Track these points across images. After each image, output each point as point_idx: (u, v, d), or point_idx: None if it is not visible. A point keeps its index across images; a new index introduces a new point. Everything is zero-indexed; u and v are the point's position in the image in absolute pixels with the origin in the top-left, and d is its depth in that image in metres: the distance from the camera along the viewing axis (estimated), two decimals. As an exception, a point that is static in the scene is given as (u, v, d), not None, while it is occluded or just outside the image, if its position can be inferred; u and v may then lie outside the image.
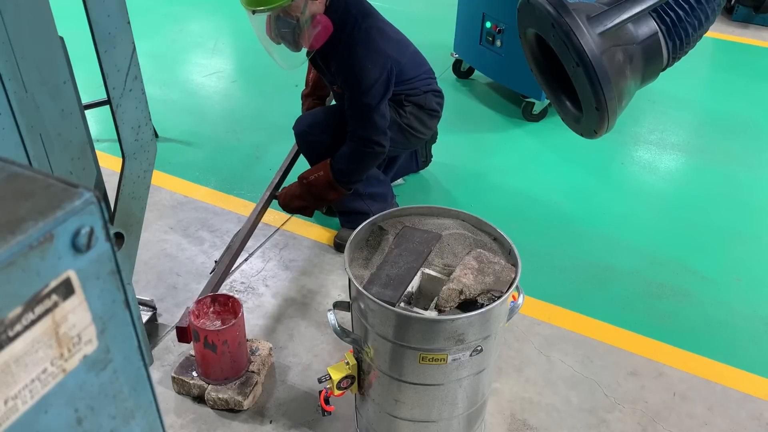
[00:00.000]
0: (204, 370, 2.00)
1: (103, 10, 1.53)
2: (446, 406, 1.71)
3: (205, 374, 2.01)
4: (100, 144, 3.39)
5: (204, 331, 1.91)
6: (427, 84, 2.80)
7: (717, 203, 3.19)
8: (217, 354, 1.95)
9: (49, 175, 0.55)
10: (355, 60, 2.50)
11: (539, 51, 1.58)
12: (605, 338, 2.43)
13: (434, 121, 2.89)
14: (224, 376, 2.02)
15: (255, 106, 4.03)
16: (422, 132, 2.85)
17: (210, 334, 1.91)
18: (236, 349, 2.00)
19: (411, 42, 2.84)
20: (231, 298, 2.03)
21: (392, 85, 2.56)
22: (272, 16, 2.48)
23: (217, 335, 1.92)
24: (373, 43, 2.52)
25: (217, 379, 2.03)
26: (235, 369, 2.04)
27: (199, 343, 1.95)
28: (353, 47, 2.50)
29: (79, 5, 1.49)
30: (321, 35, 2.47)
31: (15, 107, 1.42)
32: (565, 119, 1.62)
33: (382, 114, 2.53)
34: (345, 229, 2.83)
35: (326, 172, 2.56)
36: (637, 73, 1.44)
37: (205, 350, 1.94)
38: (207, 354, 1.95)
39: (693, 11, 1.43)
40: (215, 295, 2.05)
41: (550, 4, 1.33)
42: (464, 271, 1.60)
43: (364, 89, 2.49)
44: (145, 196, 1.90)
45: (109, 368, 0.62)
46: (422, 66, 2.82)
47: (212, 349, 1.94)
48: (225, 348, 1.95)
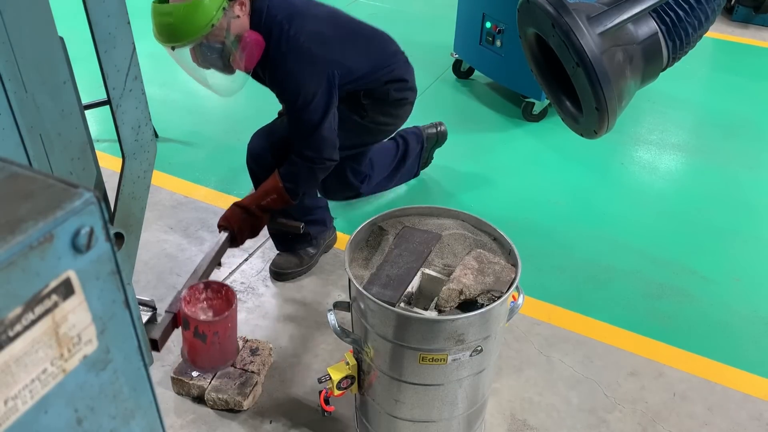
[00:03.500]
0: (191, 358, 1.92)
1: (103, 10, 1.53)
2: (446, 407, 1.71)
3: (191, 361, 1.93)
4: (100, 144, 3.39)
5: (195, 320, 1.84)
6: (388, 72, 2.48)
7: (717, 203, 3.19)
8: (206, 344, 1.89)
9: (49, 175, 0.55)
10: (287, 75, 2.25)
11: (539, 51, 1.58)
12: (605, 338, 2.43)
13: (404, 109, 2.62)
14: (211, 365, 1.95)
15: (255, 106, 4.02)
16: (392, 123, 2.63)
17: (201, 325, 1.85)
18: (226, 339, 1.94)
19: (365, 25, 2.52)
20: (225, 286, 1.95)
21: (335, 93, 2.28)
22: (195, 48, 2.29)
23: (208, 326, 1.86)
24: (304, 51, 2.22)
25: (203, 368, 1.98)
26: (224, 358, 1.96)
27: (188, 331, 1.88)
28: (283, 60, 2.24)
29: (79, 5, 1.49)
30: (254, 53, 2.22)
31: (15, 107, 1.42)
32: (565, 119, 1.62)
33: (327, 128, 2.27)
34: (283, 255, 2.67)
35: (280, 195, 2.29)
36: (637, 73, 1.44)
37: (195, 339, 1.88)
38: (196, 343, 1.89)
39: (693, 11, 1.43)
40: (208, 282, 1.99)
41: (550, 4, 1.33)
42: (464, 271, 1.60)
43: (303, 105, 2.23)
44: (145, 196, 1.90)
45: (109, 368, 0.62)
46: (380, 53, 2.50)
47: (202, 339, 1.88)
48: (215, 339, 1.89)
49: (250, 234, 2.31)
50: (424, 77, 4.32)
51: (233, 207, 2.31)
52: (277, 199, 2.30)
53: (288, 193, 2.30)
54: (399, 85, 2.53)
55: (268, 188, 2.31)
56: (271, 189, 2.31)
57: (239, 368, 2.17)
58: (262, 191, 2.32)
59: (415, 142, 3.05)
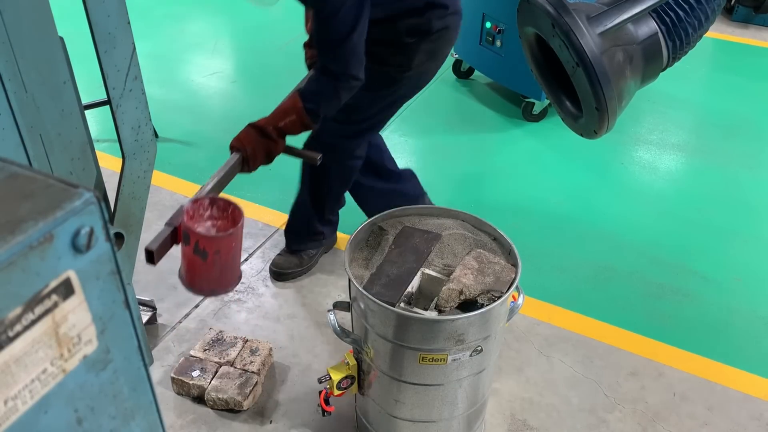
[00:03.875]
0: (189, 278, 1.76)
1: (103, 10, 1.53)
2: (446, 407, 1.71)
3: (189, 281, 1.77)
4: (100, 144, 3.39)
5: (196, 234, 1.66)
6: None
7: (717, 203, 3.19)
8: (206, 263, 1.73)
9: (49, 175, 0.55)
10: None
11: (539, 51, 1.58)
12: (605, 338, 2.43)
13: (447, 47, 2.32)
14: (210, 287, 1.80)
15: (255, 106, 4.01)
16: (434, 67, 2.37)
17: (202, 240, 1.67)
18: (228, 261, 1.77)
19: None
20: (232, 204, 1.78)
21: (367, 4, 2.07)
22: None
23: (210, 242, 1.68)
24: None
25: (201, 290, 1.81)
26: (224, 283, 1.81)
27: (188, 246, 1.70)
28: None
29: (79, 5, 1.49)
30: None
31: (15, 107, 1.42)
32: (565, 119, 1.62)
33: (356, 42, 2.09)
34: (283, 255, 2.66)
35: (299, 115, 2.11)
36: (637, 73, 1.44)
37: (194, 256, 1.70)
38: (195, 261, 1.72)
39: (693, 11, 1.43)
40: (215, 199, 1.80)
41: (550, 4, 1.33)
42: (464, 271, 1.60)
43: (331, 13, 2.03)
44: (145, 196, 1.90)
45: (109, 368, 0.62)
46: None
47: (202, 256, 1.71)
48: (216, 258, 1.72)
49: (264, 159, 2.11)
50: (424, 77, 4.32)
51: (248, 127, 2.12)
52: (296, 120, 2.11)
53: (308, 114, 2.11)
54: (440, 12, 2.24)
55: (287, 108, 2.12)
56: (289, 109, 2.11)
57: (239, 368, 2.17)
58: (280, 111, 2.13)
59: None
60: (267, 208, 3.07)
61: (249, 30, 5.11)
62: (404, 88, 2.39)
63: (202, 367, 2.16)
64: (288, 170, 3.26)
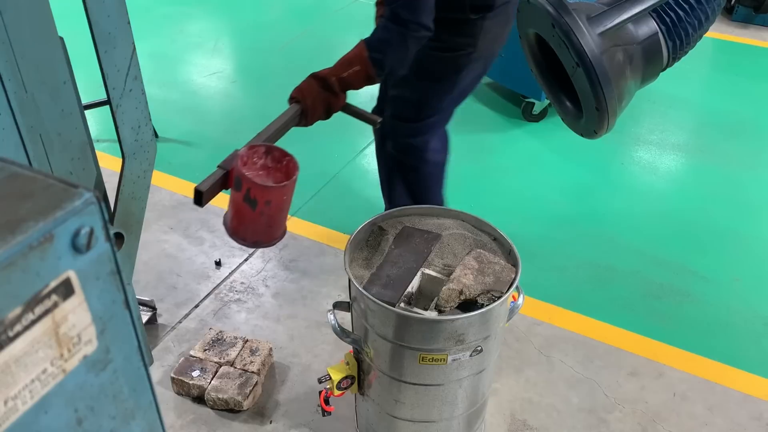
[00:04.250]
0: (233, 225, 1.70)
1: (103, 10, 1.53)
2: (446, 407, 1.71)
3: (233, 228, 1.71)
4: (100, 144, 3.39)
5: (250, 182, 1.59)
6: None
7: (717, 203, 3.19)
8: (254, 212, 1.65)
9: (49, 175, 0.55)
10: None
11: (539, 51, 1.58)
12: (605, 338, 2.43)
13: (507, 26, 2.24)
14: (254, 239, 1.73)
15: (255, 106, 4.03)
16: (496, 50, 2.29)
17: (254, 188, 1.60)
18: (277, 213, 1.70)
19: None
20: (288, 156, 1.71)
21: None
22: None
23: (262, 191, 1.61)
24: None
25: (244, 239, 1.73)
26: (268, 235, 1.75)
27: (239, 193, 1.63)
28: None
29: (79, 5, 1.49)
30: None
31: (15, 107, 1.42)
32: (565, 119, 1.62)
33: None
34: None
35: (364, 66, 2.01)
36: (637, 73, 1.44)
37: (243, 204, 1.64)
38: (244, 209, 1.65)
39: (693, 11, 1.43)
40: (271, 147, 1.71)
41: (550, 4, 1.33)
42: (464, 272, 1.60)
43: None
44: (145, 196, 1.90)
45: (109, 368, 0.62)
46: None
47: (251, 205, 1.64)
48: (266, 208, 1.65)
49: (323, 113, 2.01)
50: (424, 77, 4.32)
51: (309, 78, 2.01)
52: (360, 71, 2.00)
53: (374, 65, 2.00)
54: None
55: (351, 58, 2.01)
56: (354, 59, 2.00)
57: (239, 368, 2.17)
58: (344, 61, 2.02)
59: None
60: (267, 208, 3.07)
61: (249, 30, 5.11)
62: (471, 75, 2.33)
63: (202, 367, 2.16)
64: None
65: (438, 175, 2.55)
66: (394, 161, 2.50)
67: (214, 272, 2.69)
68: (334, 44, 4.88)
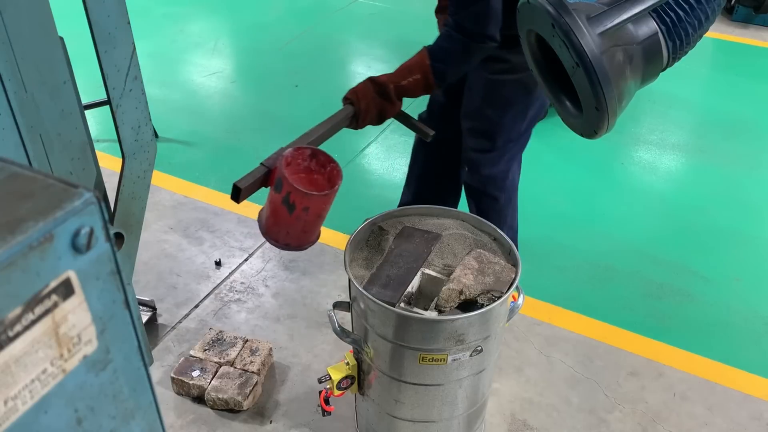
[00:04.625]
0: (268, 224, 1.66)
1: (103, 10, 1.53)
2: (446, 407, 1.71)
3: (266, 227, 1.67)
4: (100, 144, 3.39)
5: (291, 186, 1.54)
6: None
7: (717, 203, 3.19)
8: (291, 216, 1.61)
9: (49, 175, 0.55)
10: None
11: (539, 51, 1.58)
12: (605, 338, 2.43)
13: None
14: (285, 241, 1.68)
15: (255, 106, 4.03)
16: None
17: (295, 193, 1.55)
18: (314, 220, 1.66)
19: None
20: (333, 162, 1.66)
21: None
22: None
23: (302, 197, 1.56)
24: None
25: (277, 241, 1.68)
26: (301, 240, 1.70)
27: (278, 194, 1.59)
28: None
29: (79, 5, 1.49)
30: None
31: (15, 107, 1.42)
32: (565, 119, 1.62)
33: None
34: None
35: (424, 75, 1.94)
36: (637, 73, 1.44)
37: (281, 206, 1.59)
38: (281, 211, 1.60)
39: (693, 11, 1.43)
40: (317, 151, 1.66)
41: (550, 4, 1.33)
42: (464, 272, 1.60)
43: None
44: (145, 196, 1.90)
45: (109, 368, 0.62)
46: None
47: (289, 209, 1.59)
48: (303, 214, 1.61)
49: (375, 118, 1.94)
50: (424, 77, 4.32)
51: (367, 81, 1.95)
52: (420, 80, 1.95)
53: (434, 75, 1.94)
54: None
55: (412, 65, 1.95)
56: (415, 67, 1.94)
57: (239, 368, 2.17)
58: (404, 68, 1.96)
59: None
60: (267, 208, 3.07)
61: (249, 30, 5.11)
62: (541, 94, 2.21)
63: (202, 367, 2.16)
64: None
65: (514, 201, 2.47)
66: (471, 189, 2.43)
67: (214, 272, 2.69)
68: (334, 44, 4.88)
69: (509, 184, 2.38)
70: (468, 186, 2.43)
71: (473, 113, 2.24)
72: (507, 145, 2.26)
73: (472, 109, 2.22)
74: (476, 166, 2.31)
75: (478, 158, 2.29)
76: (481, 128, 2.24)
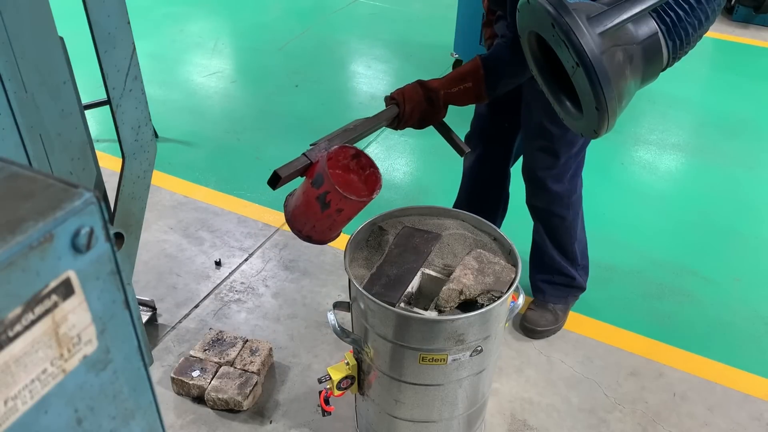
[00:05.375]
0: (295, 215, 1.64)
1: (103, 10, 1.53)
2: (446, 407, 1.71)
3: (292, 215, 1.65)
4: (100, 144, 3.39)
5: (331, 185, 1.52)
6: None
7: (717, 203, 3.19)
8: (322, 214, 1.59)
9: (49, 175, 0.55)
10: None
11: (539, 51, 1.58)
12: (605, 338, 2.43)
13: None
14: (308, 234, 1.68)
15: (255, 106, 4.03)
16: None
17: (333, 193, 1.53)
18: (343, 221, 1.65)
19: None
20: (373, 167, 1.64)
21: None
22: None
23: (339, 200, 1.54)
24: None
25: (301, 231, 1.68)
26: (325, 236, 1.70)
27: (316, 190, 1.56)
28: None
29: (79, 5, 1.49)
30: None
31: (15, 107, 1.42)
32: (565, 119, 1.62)
33: None
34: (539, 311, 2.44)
35: (476, 84, 1.90)
36: (637, 73, 1.43)
37: (315, 201, 1.57)
38: (314, 206, 1.58)
39: (693, 11, 1.43)
40: (360, 152, 1.64)
41: (550, 4, 1.33)
42: (464, 272, 1.60)
43: None
44: (145, 196, 1.90)
45: (109, 368, 0.62)
46: None
47: (322, 206, 1.57)
48: (335, 214, 1.60)
49: (417, 123, 1.91)
50: (424, 77, 4.32)
51: (416, 84, 1.90)
52: (471, 89, 1.90)
53: (486, 86, 1.90)
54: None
55: (465, 73, 1.90)
56: (468, 75, 1.90)
57: (239, 368, 2.17)
58: (456, 75, 1.91)
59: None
60: (267, 208, 3.07)
61: (249, 30, 5.11)
62: None
63: (202, 367, 2.16)
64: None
65: (581, 215, 2.44)
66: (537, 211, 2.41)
67: (214, 272, 2.69)
68: (334, 44, 4.88)
69: (575, 200, 2.34)
70: (534, 208, 2.39)
71: (535, 130, 2.19)
72: (569, 160, 2.22)
73: (533, 125, 2.18)
74: (541, 184, 2.26)
75: (543, 176, 2.25)
76: (544, 145, 2.19)
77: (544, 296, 2.46)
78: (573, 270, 2.44)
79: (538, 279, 2.48)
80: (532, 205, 2.38)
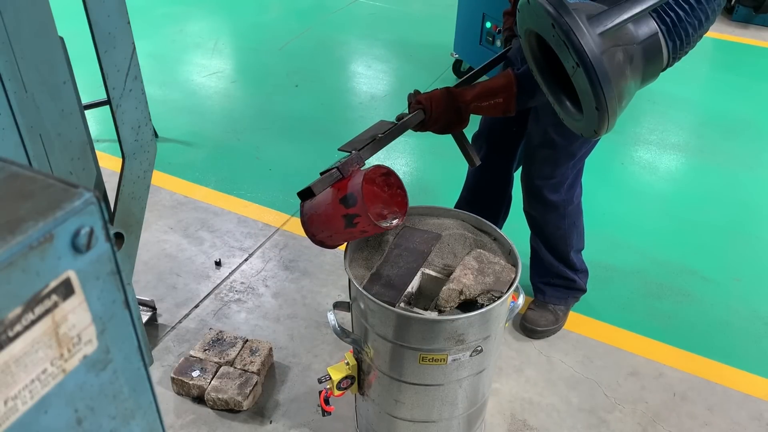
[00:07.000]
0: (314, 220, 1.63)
1: (103, 10, 1.53)
2: (446, 407, 1.71)
3: (311, 222, 1.64)
4: (100, 144, 3.39)
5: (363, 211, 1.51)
6: None
7: (717, 203, 3.19)
8: (344, 230, 1.59)
9: (49, 175, 0.55)
10: None
11: (539, 51, 1.58)
12: (605, 338, 2.43)
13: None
14: (321, 239, 1.68)
15: (255, 106, 4.03)
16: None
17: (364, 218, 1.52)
18: (358, 237, 1.66)
19: None
20: (401, 189, 1.65)
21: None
22: None
23: (367, 223, 1.54)
24: None
25: (314, 234, 1.67)
26: (335, 244, 1.72)
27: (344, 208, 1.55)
28: None
29: (79, 5, 1.49)
30: None
31: (15, 107, 1.42)
32: (565, 119, 1.62)
33: None
34: (539, 311, 2.45)
35: (507, 99, 1.87)
36: (637, 73, 1.44)
37: (341, 219, 1.57)
38: (337, 221, 1.58)
39: (693, 11, 1.43)
40: (391, 172, 1.65)
41: (550, 4, 1.33)
42: (464, 272, 1.60)
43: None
44: (145, 196, 1.90)
45: (109, 368, 0.62)
46: None
47: (347, 224, 1.57)
48: (357, 234, 1.60)
49: (440, 130, 1.89)
50: (424, 77, 4.32)
51: (444, 91, 1.86)
52: (501, 104, 1.87)
53: (517, 100, 1.87)
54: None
55: (497, 89, 1.86)
56: (500, 90, 1.86)
57: (239, 368, 2.17)
58: (488, 89, 1.87)
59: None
60: (267, 208, 3.07)
61: (249, 30, 5.11)
62: None
63: (202, 367, 2.16)
64: (288, 170, 3.27)
65: (579, 225, 2.44)
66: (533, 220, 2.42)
67: (214, 272, 2.69)
68: (334, 44, 4.88)
69: (571, 211, 2.34)
70: (529, 216, 2.40)
71: (539, 137, 2.19)
72: (567, 171, 2.23)
73: (538, 132, 2.18)
74: (537, 192, 2.28)
75: (540, 185, 2.26)
76: (545, 153, 2.20)
77: (544, 297, 2.46)
78: (572, 273, 2.45)
79: (538, 281, 2.49)
80: (528, 213, 2.40)
